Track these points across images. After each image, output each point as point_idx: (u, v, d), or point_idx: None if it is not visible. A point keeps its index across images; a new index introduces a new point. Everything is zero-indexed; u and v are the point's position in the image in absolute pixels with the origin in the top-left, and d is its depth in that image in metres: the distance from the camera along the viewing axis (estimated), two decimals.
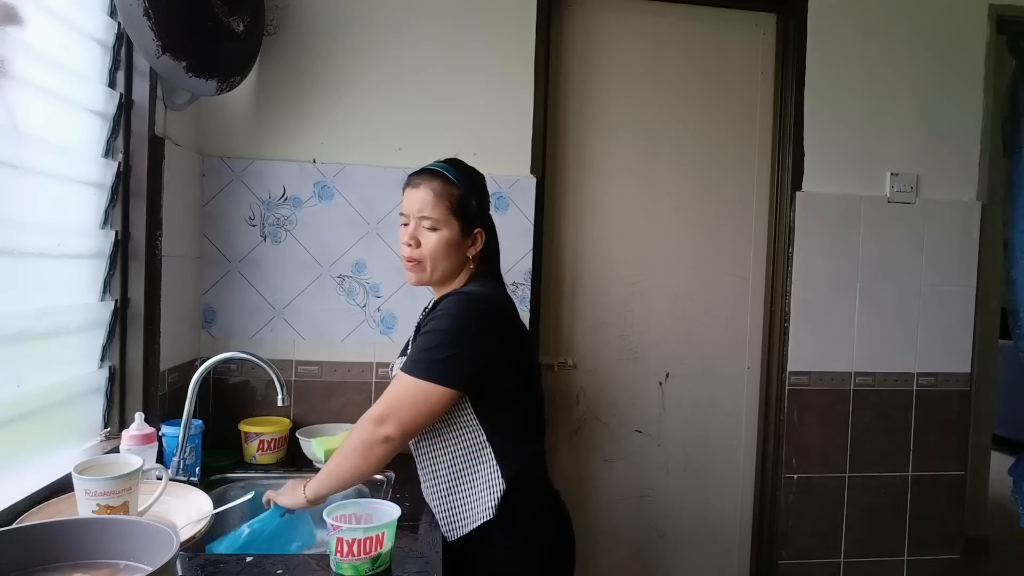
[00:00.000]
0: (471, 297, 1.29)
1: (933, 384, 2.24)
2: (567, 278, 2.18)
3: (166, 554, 0.81)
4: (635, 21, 2.18)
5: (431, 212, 1.32)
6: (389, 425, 1.23)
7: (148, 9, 1.35)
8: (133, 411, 1.47)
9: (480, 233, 1.37)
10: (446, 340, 1.24)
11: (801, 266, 2.18)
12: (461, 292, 1.32)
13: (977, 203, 2.25)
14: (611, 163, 2.18)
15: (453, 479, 1.31)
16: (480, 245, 1.38)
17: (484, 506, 1.28)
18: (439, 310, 1.28)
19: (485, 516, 1.28)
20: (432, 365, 1.23)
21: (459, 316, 1.25)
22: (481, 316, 1.27)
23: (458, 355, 1.24)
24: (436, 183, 1.33)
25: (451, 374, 1.23)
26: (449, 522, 1.31)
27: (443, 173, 1.34)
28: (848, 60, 2.18)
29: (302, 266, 1.93)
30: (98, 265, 1.48)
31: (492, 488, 1.28)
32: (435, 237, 1.32)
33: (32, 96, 1.23)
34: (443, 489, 1.32)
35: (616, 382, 2.21)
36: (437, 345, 1.24)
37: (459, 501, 1.31)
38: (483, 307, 1.29)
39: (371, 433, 1.24)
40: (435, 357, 1.23)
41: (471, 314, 1.26)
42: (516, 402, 1.33)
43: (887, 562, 2.25)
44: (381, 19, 1.96)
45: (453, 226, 1.33)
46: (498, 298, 1.35)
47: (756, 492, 2.29)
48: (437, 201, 1.32)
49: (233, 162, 1.90)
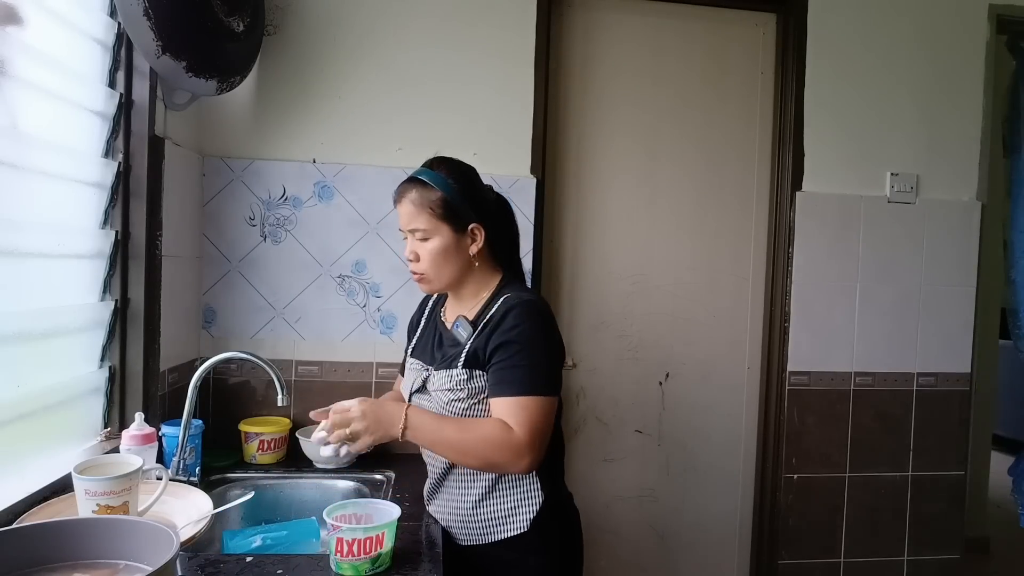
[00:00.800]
0: (536, 304, 1.29)
1: (933, 384, 2.24)
2: (567, 278, 2.18)
3: (166, 554, 0.81)
4: (635, 21, 2.18)
5: (416, 223, 1.29)
6: (533, 456, 1.20)
7: (148, 9, 1.35)
8: (133, 411, 1.47)
9: (477, 228, 1.31)
10: (542, 351, 1.24)
11: (801, 266, 2.18)
12: (524, 301, 1.27)
13: (977, 203, 2.25)
14: (611, 163, 2.18)
15: (486, 491, 1.28)
16: (481, 241, 1.32)
17: (521, 519, 1.27)
18: (511, 322, 1.24)
19: (520, 528, 1.26)
20: (544, 379, 1.23)
21: (540, 326, 1.26)
22: (550, 321, 1.30)
23: (555, 362, 1.27)
24: (414, 193, 1.30)
25: (557, 382, 1.27)
26: (476, 532, 1.29)
27: (420, 180, 1.30)
28: (848, 60, 2.18)
29: (302, 266, 1.93)
30: (98, 265, 1.48)
31: (530, 501, 1.28)
32: (428, 247, 1.30)
33: (32, 96, 1.23)
34: (473, 501, 1.29)
35: (616, 382, 2.21)
36: (539, 359, 1.23)
37: (490, 513, 1.28)
38: (547, 312, 1.31)
39: (512, 461, 1.19)
40: (544, 370, 1.23)
41: (546, 321, 1.28)
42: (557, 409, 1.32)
43: (887, 562, 2.25)
44: (381, 19, 1.96)
45: (443, 231, 1.29)
46: (545, 301, 1.36)
47: (756, 492, 2.29)
48: (418, 211, 1.29)
49: (233, 162, 1.90)
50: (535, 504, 1.27)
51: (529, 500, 1.28)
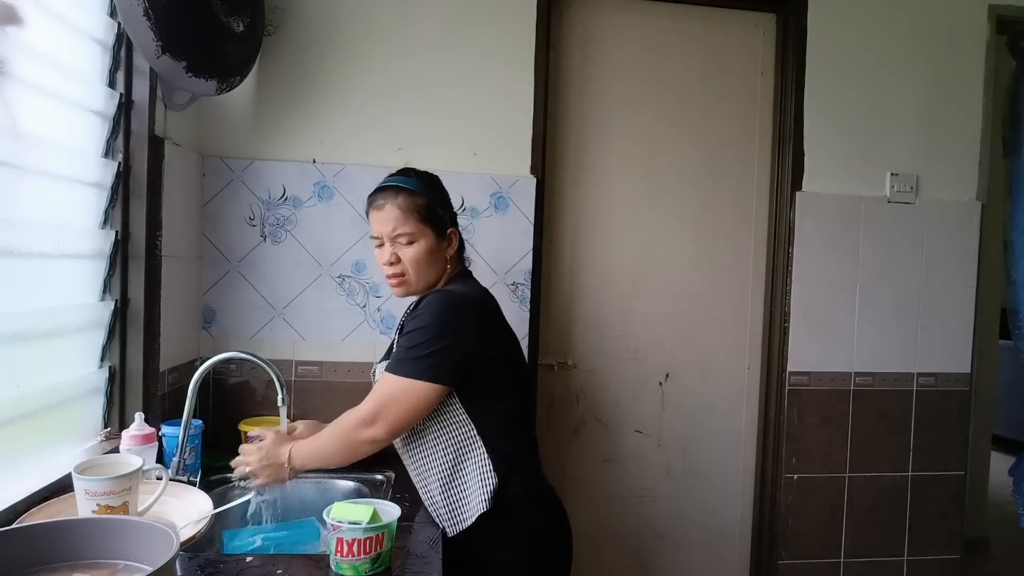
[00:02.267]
0: (451, 294, 1.32)
1: (933, 384, 2.24)
2: (567, 278, 2.18)
3: (166, 554, 0.81)
4: (635, 21, 2.18)
5: (404, 227, 1.34)
6: (378, 427, 1.27)
7: (148, 9, 1.35)
8: (133, 411, 1.47)
9: (454, 233, 1.42)
10: (429, 336, 1.26)
11: (801, 266, 2.18)
12: (441, 291, 1.34)
13: (977, 203, 2.25)
14: (611, 163, 2.18)
15: (447, 474, 1.32)
16: (456, 245, 1.42)
17: (479, 498, 1.29)
18: (420, 309, 1.30)
19: (481, 508, 1.29)
20: (417, 362, 1.25)
21: (440, 312, 1.27)
22: (462, 311, 1.30)
23: (442, 350, 1.26)
24: (400, 198, 1.35)
25: (436, 370, 1.25)
26: (449, 518, 1.32)
27: (403, 186, 1.36)
28: (848, 60, 2.18)
29: (302, 266, 1.93)
30: (98, 265, 1.48)
31: (485, 481, 1.29)
32: (413, 250, 1.35)
33: (32, 96, 1.23)
34: (439, 485, 1.33)
35: (616, 382, 2.21)
36: (421, 342, 1.26)
37: (455, 496, 1.32)
38: (463, 302, 1.31)
39: (358, 434, 1.28)
40: (420, 354, 1.25)
41: (451, 309, 1.29)
42: (504, 395, 1.35)
43: (887, 562, 2.25)
44: (381, 19, 1.96)
45: (428, 234, 1.36)
46: (480, 293, 1.38)
47: (756, 492, 2.29)
48: (405, 216, 1.34)
49: (233, 162, 1.90)
50: (491, 483, 1.29)
51: (484, 480, 1.29)
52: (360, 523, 1.05)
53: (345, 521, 1.06)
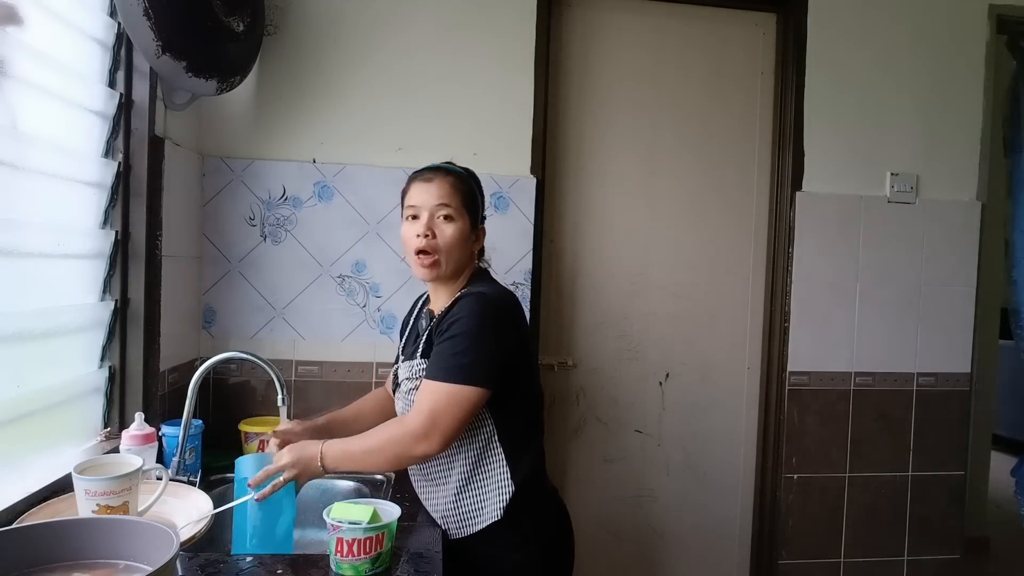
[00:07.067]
0: (487, 296, 1.29)
1: (933, 384, 2.24)
2: (567, 278, 2.18)
3: (166, 554, 0.81)
4: (635, 21, 2.18)
5: (451, 201, 1.32)
6: (431, 440, 1.21)
7: (148, 9, 1.35)
8: (133, 411, 1.47)
9: (483, 230, 1.42)
10: (473, 341, 1.23)
11: (801, 266, 2.18)
12: (475, 293, 1.30)
13: (977, 203, 2.25)
14: (611, 163, 2.18)
15: (464, 481, 1.30)
16: (482, 242, 1.42)
17: (494, 507, 1.28)
18: (458, 313, 1.26)
19: (494, 517, 1.28)
20: (465, 368, 1.22)
21: (481, 316, 1.25)
22: (501, 314, 1.28)
23: (488, 353, 1.24)
24: (451, 177, 1.35)
25: (484, 374, 1.23)
26: (458, 523, 1.31)
27: (453, 170, 1.37)
28: (848, 60, 2.18)
29: (302, 266, 1.93)
30: (98, 265, 1.48)
31: (503, 489, 1.28)
32: (452, 228, 1.32)
33: (32, 96, 1.23)
34: (453, 491, 1.31)
35: (616, 382, 2.21)
36: (466, 348, 1.23)
37: (470, 503, 1.30)
38: (501, 305, 1.30)
39: (410, 449, 1.22)
40: (467, 360, 1.22)
41: (491, 313, 1.26)
42: (524, 401, 1.34)
43: (887, 562, 2.25)
44: (381, 19, 1.96)
45: (466, 219, 1.35)
46: (511, 294, 1.36)
47: (756, 492, 2.29)
48: (454, 192, 1.33)
49: (233, 162, 1.90)
50: (508, 491, 1.28)
51: (502, 488, 1.28)
52: (360, 523, 1.06)
53: (345, 521, 1.06)
